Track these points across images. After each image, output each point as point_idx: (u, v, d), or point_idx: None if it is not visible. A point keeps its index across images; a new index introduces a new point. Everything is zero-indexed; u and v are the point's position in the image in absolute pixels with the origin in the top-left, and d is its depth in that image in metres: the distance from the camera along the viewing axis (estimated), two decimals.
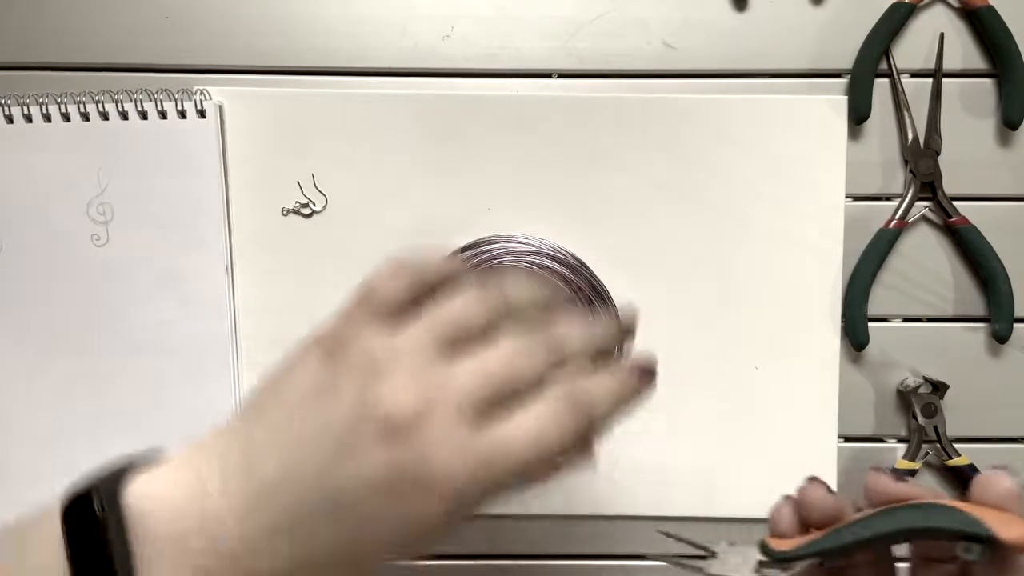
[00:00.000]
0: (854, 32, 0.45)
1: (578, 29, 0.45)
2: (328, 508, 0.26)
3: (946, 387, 0.45)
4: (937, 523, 0.26)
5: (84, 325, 0.44)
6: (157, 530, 0.26)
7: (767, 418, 0.46)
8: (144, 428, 0.44)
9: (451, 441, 0.26)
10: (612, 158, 0.45)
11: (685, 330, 0.45)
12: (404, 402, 0.26)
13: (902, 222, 0.45)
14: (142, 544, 0.26)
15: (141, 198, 0.44)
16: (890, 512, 0.27)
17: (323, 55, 0.45)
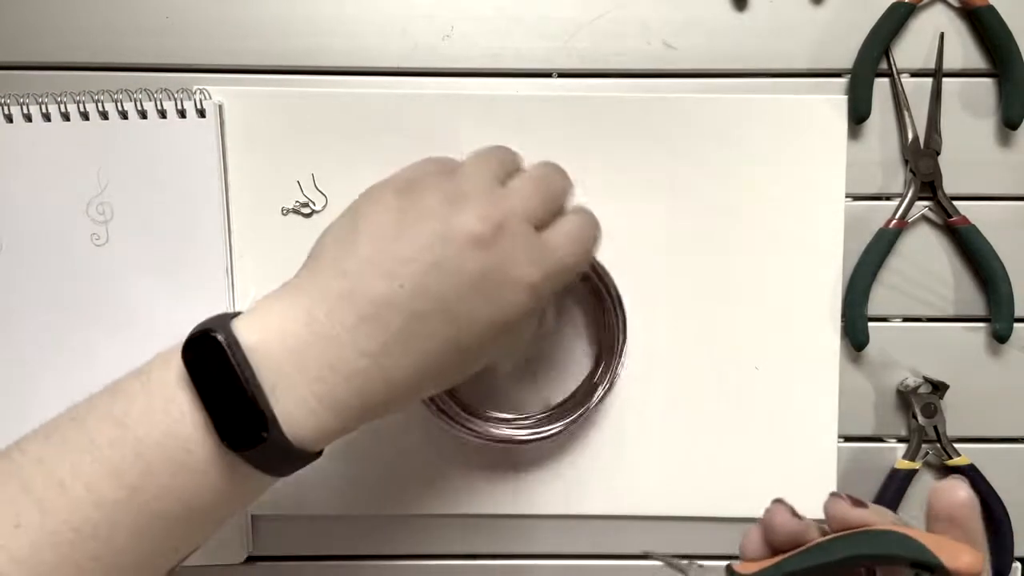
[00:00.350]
0: (854, 32, 0.45)
1: (578, 29, 0.45)
2: (435, 310, 0.30)
3: (946, 387, 0.45)
4: (889, 551, 0.27)
5: (84, 325, 0.44)
6: (273, 354, 0.29)
7: (767, 418, 0.46)
8: None
9: (524, 244, 0.31)
10: (612, 158, 0.45)
11: (685, 330, 0.45)
12: (485, 218, 0.31)
13: (902, 222, 0.45)
14: (261, 368, 0.29)
15: (141, 198, 0.44)
16: (845, 538, 0.28)
17: (323, 55, 0.45)
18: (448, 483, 0.46)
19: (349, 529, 0.47)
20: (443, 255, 0.30)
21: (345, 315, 0.30)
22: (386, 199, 0.33)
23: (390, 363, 0.30)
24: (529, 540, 0.47)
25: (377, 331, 0.30)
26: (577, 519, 0.46)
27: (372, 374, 0.30)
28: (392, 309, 0.30)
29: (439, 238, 0.31)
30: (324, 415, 0.30)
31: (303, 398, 0.29)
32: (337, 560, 0.47)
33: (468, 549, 0.47)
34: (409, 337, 0.30)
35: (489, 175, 0.33)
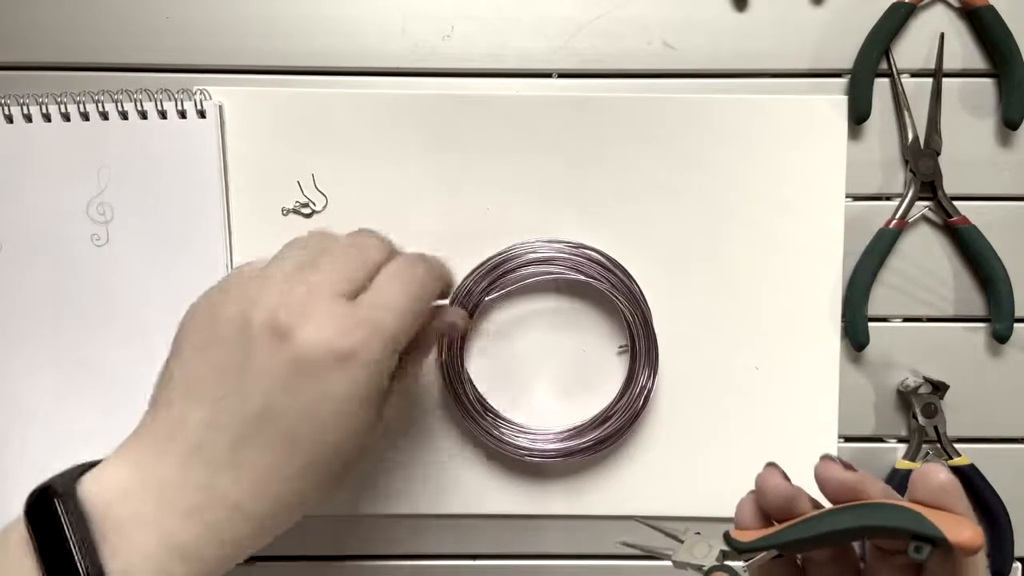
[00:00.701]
0: (854, 32, 0.45)
1: (578, 29, 0.45)
2: (256, 417, 0.28)
3: (946, 387, 0.45)
4: (890, 523, 0.27)
5: (84, 325, 0.44)
6: (109, 508, 0.28)
7: (767, 418, 0.46)
8: None
9: (334, 314, 0.29)
10: (612, 158, 0.45)
11: (684, 330, 0.45)
12: (283, 305, 0.29)
13: (902, 222, 0.45)
14: (100, 522, 0.28)
15: (141, 198, 0.44)
16: (844, 510, 0.28)
17: (323, 55, 0.45)
18: (449, 483, 0.46)
19: (349, 529, 0.47)
20: (251, 355, 0.29)
21: (172, 453, 0.29)
22: (198, 312, 0.32)
23: (229, 488, 0.29)
24: (530, 541, 0.47)
25: (205, 460, 0.28)
26: (577, 519, 0.46)
27: (213, 506, 0.28)
28: (214, 432, 0.29)
29: (243, 339, 0.29)
30: (170, 563, 0.28)
31: (144, 549, 0.28)
32: (337, 560, 0.47)
33: (469, 550, 0.47)
34: (241, 455, 0.29)
35: (293, 260, 0.32)
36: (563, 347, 0.45)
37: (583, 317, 0.45)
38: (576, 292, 0.45)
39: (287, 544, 0.47)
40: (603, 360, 0.45)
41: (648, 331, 0.44)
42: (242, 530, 0.29)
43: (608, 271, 0.43)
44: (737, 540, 0.30)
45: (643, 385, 0.44)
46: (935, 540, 0.26)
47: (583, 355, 0.45)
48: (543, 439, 0.44)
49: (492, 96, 0.45)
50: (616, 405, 0.44)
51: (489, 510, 0.46)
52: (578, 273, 0.43)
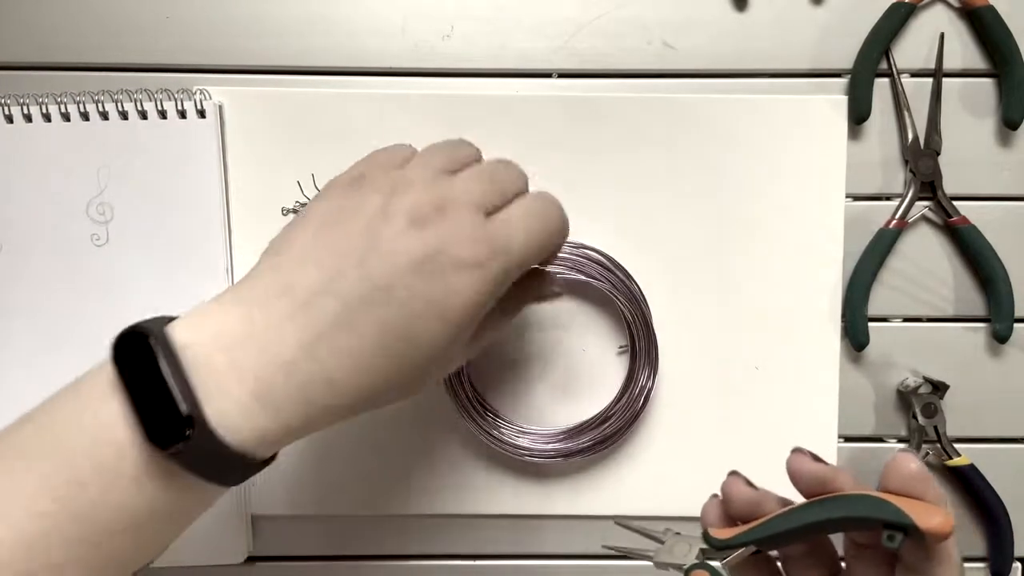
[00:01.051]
0: (854, 32, 0.45)
1: (578, 29, 0.45)
2: (373, 296, 0.29)
3: (946, 387, 0.45)
4: (862, 513, 0.28)
5: (84, 325, 0.44)
6: (206, 353, 0.28)
7: (767, 418, 0.46)
8: None
9: (468, 225, 0.30)
10: (612, 158, 0.45)
11: (684, 330, 0.45)
12: (424, 200, 0.30)
13: (902, 222, 0.45)
14: (192, 367, 0.28)
15: (141, 198, 0.44)
16: (817, 503, 0.29)
17: (323, 55, 0.45)
18: (450, 483, 0.46)
19: (349, 529, 0.47)
20: (380, 238, 0.29)
21: (280, 308, 0.29)
22: (332, 193, 0.32)
23: (329, 354, 0.29)
24: (530, 541, 0.47)
25: (312, 320, 0.29)
26: (577, 519, 0.46)
27: (310, 367, 0.29)
28: (327, 296, 0.29)
29: (378, 220, 0.30)
30: (261, 414, 0.28)
31: (237, 397, 0.28)
32: (337, 560, 0.47)
33: (470, 549, 0.47)
34: (348, 326, 0.29)
35: (437, 164, 0.32)
36: (563, 347, 0.45)
37: (583, 317, 0.45)
38: (576, 292, 0.45)
39: (287, 544, 0.47)
40: (603, 360, 0.45)
41: (648, 331, 0.44)
42: (328, 397, 0.29)
43: (608, 271, 0.43)
44: (716, 538, 0.30)
45: (643, 385, 0.44)
46: (906, 528, 0.27)
47: (583, 355, 0.45)
48: (543, 439, 0.44)
49: (492, 96, 0.45)
50: (616, 405, 0.44)
51: (489, 510, 0.46)
52: (578, 273, 0.43)
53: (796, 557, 0.31)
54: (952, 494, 0.47)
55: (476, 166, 0.34)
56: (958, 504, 0.47)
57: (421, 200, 0.30)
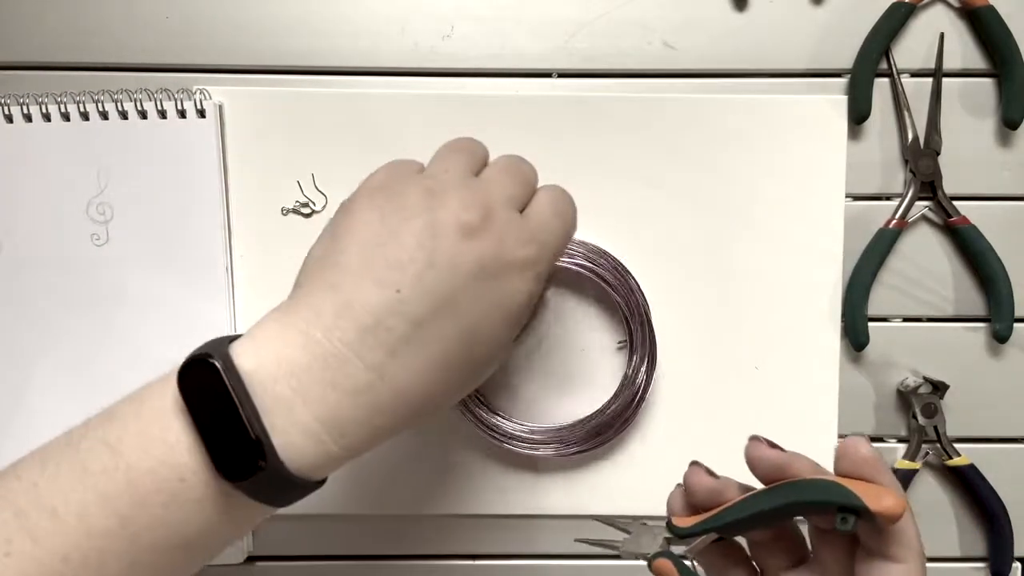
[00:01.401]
0: (854, 32, 0.45)
1: (578, 29, 0.45)
2: (439, 310, 0.29)
3: (946, 387, 0.45)
4: (813, 497, 0.28)
5: (84, 325, 0.44)
6: (271, 379, 0.28)
7: (767, 418, 0.46)
8: None
9: (514, 226, 0.31)
10: (612, 158, 0.45)
11: (685, 330, 0.45)
12: (470, 206, 0.30)
13: (902, 222, 0.45)
14: (258, 394, 0.28)
15: (141, 198, 0.44)
16: (773, 489, 0.29)
17: (323, 55, 0.45)
18: (450, 483, 0.46)
19: (349, 529, 0.47)
20: (436, 251, 0.29)
21: (344, 330, 0.28)
22: (362, 205, 0.32)
23: (399, 373, 0.29)
24: (529, 540, 0.47)
25: (381, 341, 0.29)
26: (576, 519, 0.46)
27: (379, 388, 0.29)
28: (394, 316, 0.29)
29: (428, 235, 0.29)
30: (327, 440, 0.28)
31: (304, 424, 0.28)
32: (337, 560, 0.47)
33: (470, 549, 0.47)
34: (417, 343, 0.29)
35: (462, 166, 0.33)
36: (562, 342, 0.45)
37: (582, 313, 0.45)
38: (575, 287, 0.45)
39: (287, 544, 0.47)
40: (601, 356, 0.45)
41: (647, 326, 0.43)
42: (396, 414, 0.30)
43: (607, 268, 0.43)
44: (678, 526, 0.31)
45: (640, 381, 0.43)
46: (858, 510, 0.27)
47: (582, 351, 0.45)
48: (540, 434, 0.44)
49: (492, 96, 0.45)
50: (614, 401, 0.44)
51: (489, 510, 0.46)
52: (578, 268, 0.43)
53: (763, 543, 0.32)
54: (952, 494, 0.47)
55: (495, 164, 0.34)
56: (958, 504, 0.47)
57: (465, 208, 0.30)
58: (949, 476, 0.47)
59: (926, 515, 0.47)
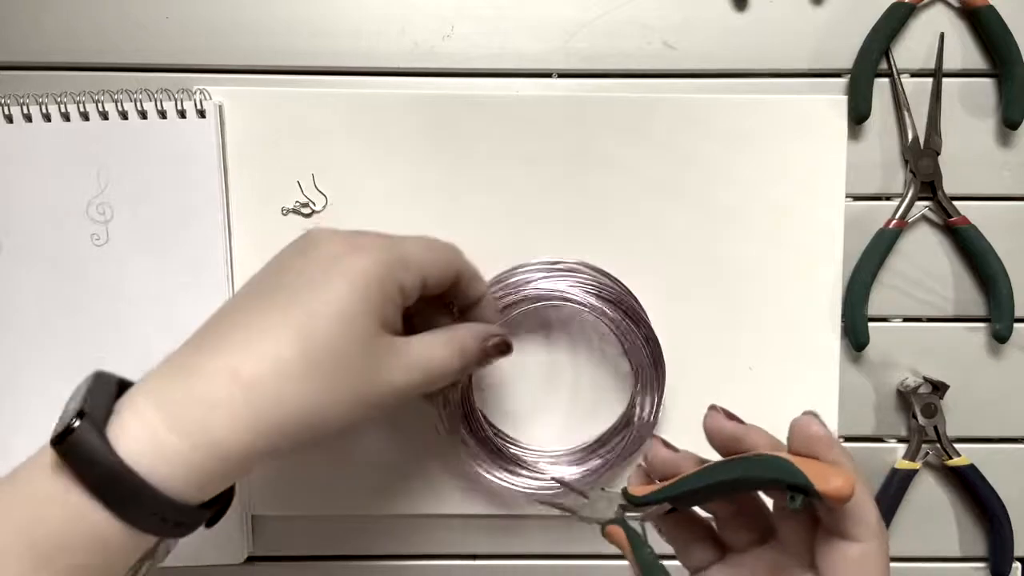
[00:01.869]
0: (854, 32, 0.45)
1: (578, 29, 0.45)
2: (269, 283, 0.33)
3: (946, 387, 0.45)
4: (761, 474, 0.29)
5: (84, 325, 0.44)
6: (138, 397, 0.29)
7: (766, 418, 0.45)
8: None
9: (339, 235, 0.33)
10: (612, 158, 0.45)
11: (684, 330, 0.45)
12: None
13: (902, 222, 0.45)
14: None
15: (141, 198, 0.44)
16: (726, 463, 0.30)
17: (323, 55, 0.45)
18: (450, 483, 0.46)
19: (349, 529, 0.47)
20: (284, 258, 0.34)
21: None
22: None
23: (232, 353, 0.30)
24: (529, 541, 0.47)
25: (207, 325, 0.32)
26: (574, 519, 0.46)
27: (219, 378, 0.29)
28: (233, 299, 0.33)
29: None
30: (156, 422, 0.28)
31: (135, 403, 0.28)
32: (337, 560, 0.47)
33: (469, 549, 0.47)
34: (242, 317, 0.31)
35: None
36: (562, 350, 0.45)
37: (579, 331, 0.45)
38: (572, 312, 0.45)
39: (287, 544, 0.47)
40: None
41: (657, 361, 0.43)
42: (246, 422, 0.29)
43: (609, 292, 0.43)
44: (632, 495, 0.32)
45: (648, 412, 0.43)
46: (806, 489, 0.27)
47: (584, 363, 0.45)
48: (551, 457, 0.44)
49: (492, 96, 0.45)
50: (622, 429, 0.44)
51: (489, 510, 0.46)
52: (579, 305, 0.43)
53: (727, 518, 0.32)
54: (952, 494, 0.47)
55: None
56: (958, 504, 0.47)
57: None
58: (949, 476, 0.47)
59: (926, 515, 0.47)
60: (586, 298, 0.42)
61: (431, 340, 0.34)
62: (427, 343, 0.34)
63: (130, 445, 0.27)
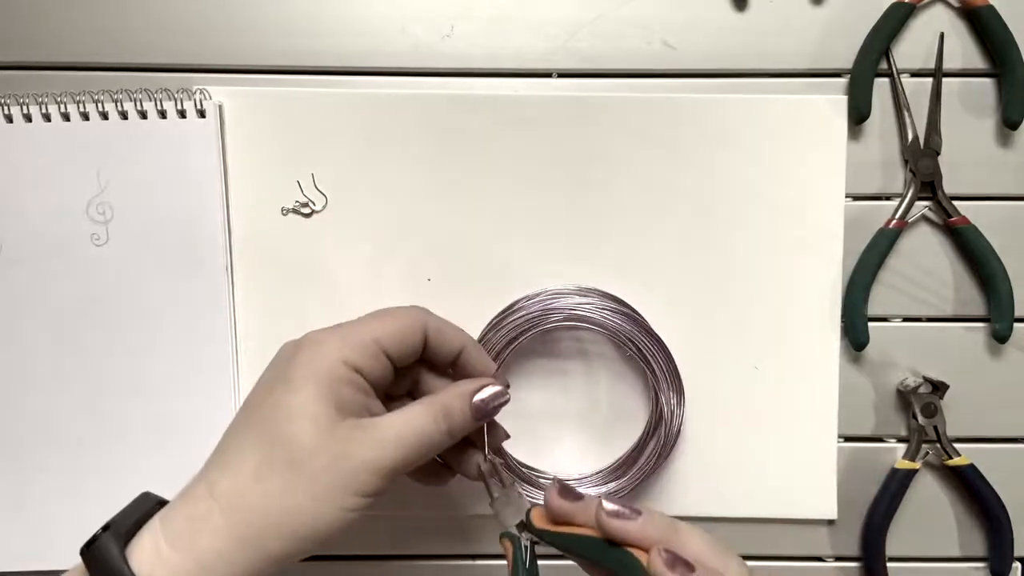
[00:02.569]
0: (854, 32, 0.45)
1: (578, 29, 0.45)
2: (243, 412, 0.34)
3: (946, 387, 0.45)
4: (597, 557, 0.30)
5: (83, 325, 0.44)
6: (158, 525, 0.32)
7: (767, 418, 0.46)
8: (142, 427, 0.44)
9: None
10: (612, 158, 0.45)
11: (684, 330, 0.45)
12: None
13: (902, 222, 0.45)
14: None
15: (141, 198, 0.44)
16: (593, 541, 0.30)
17: (323, 55, 0.45)
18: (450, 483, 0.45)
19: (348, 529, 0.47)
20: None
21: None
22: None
23: (217, 476, 0.32)
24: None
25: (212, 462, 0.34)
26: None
27: (203, 496, 0.32)
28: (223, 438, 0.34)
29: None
30: (161, 539, 0.31)
31: (155, 543, 0.31)
32: (337, 560, 0.47)
33: (469, 550, 0.47)
34: (226, 447, 0.33)
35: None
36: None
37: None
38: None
39: None
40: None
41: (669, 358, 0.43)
42: (224, 531, 0.31)
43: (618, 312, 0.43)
44: (531, 521, 0.32)
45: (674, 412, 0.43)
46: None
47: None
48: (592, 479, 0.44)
49: (492, 96, 0.45)
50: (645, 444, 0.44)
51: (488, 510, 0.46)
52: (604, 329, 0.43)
53: None
54: (952, 494, 0.47)
55: None
56: (958, 504, 0.47)
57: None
58: (949, 476, 0.47)
59: (926, 515, 0.47)
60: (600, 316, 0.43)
61: (409, 411, 0.34)
62: (404, 415, 0.34)
63: (141, 556, 0.30)
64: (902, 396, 0.46)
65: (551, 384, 0.45)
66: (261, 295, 0.45)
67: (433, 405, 0.35)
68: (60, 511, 0.45)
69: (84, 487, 0.45)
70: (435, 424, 0.34)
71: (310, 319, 0.44)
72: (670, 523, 0.30)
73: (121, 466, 0.45)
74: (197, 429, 0.44)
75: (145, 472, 0.44)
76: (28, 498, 0.45)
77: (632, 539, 0.29)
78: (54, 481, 0.45)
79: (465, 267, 0.45)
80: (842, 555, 0.47)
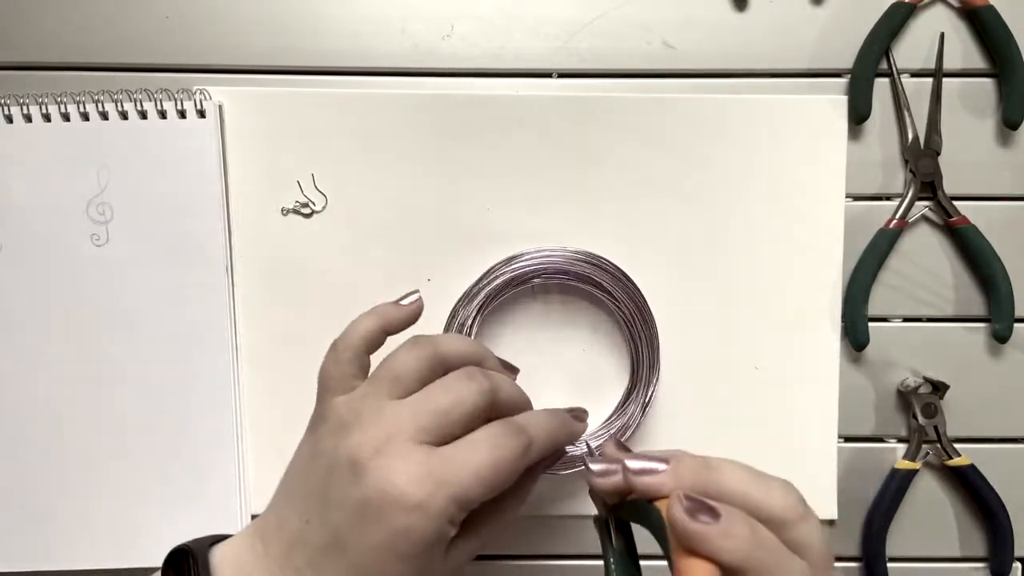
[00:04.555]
0: (854, 32, 0.45)
1: (578, 29, 0.45)
2: (331, 543, 0.31)
3: (946, 387, 0.45)
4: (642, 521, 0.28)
5: (83, 325, 0.44)
6: (225, 570, 0.33)
7: (767, 418, 0.46)
8: (142, 426, 0.44)
9: (409, 462, 0.30)
10: (612, 158, 0.45)
11: (684, 330, 0.45)
12: (363, 443, 0.31)
13: (902, 222, 0.45)
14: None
15: (141, 198, 0.44)
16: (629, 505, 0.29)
17: (323, 55, 0.45)
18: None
19: None
20: (330, 488, 0.31)
21: (278, 544, 0.32)
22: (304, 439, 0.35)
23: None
24: (530, 541, 0.47)
25: (299, 558, 0.32)
26: (577, 519, 0.46)
27: None
28: (303, 542, 0.32)
29: (328, 470, 0.32)
30: None
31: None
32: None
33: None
34: (318, 570, 0.31)
35: (384, 389, 0.33)
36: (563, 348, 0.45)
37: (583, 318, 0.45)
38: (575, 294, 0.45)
39: None
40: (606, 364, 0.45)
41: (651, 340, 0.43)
42: None
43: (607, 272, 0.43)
44: (598, 502, 0.31)
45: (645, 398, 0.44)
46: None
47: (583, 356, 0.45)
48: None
49: (492, 96, 0.45)
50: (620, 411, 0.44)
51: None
52: (578, 280, 0.43)
53: None
54: (952, 494, 0.47)
55: (427, 388, 0.33)
56: (958, 504, 0.47)
57: (361, 442, 0.31)
58: (949, 476, 0.47)
59: (926, 515, 0.47)
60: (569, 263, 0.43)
61: (496, 516, 0.35)
62: (491, 521, 0.35)
63: None
64: (902, 396, 0.46)
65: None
66: (261, 295, 0.45)
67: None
68: (60, 511, 0.45)
69: (84, 487, 0.45)
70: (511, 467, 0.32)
71: (310, 319, 0.45)
72: (702, 463, 0.28)
73: (121, 466, 0.45)
74: (197, 429, 0.44)
75: (145, 472, 0.44)
76: (28, 498, 0.45)
77: (667, 492, 0.27)
78: (54, 481, 0.45)
79: (465, 267, 0.45)
80: (842, 555, 0.47)
